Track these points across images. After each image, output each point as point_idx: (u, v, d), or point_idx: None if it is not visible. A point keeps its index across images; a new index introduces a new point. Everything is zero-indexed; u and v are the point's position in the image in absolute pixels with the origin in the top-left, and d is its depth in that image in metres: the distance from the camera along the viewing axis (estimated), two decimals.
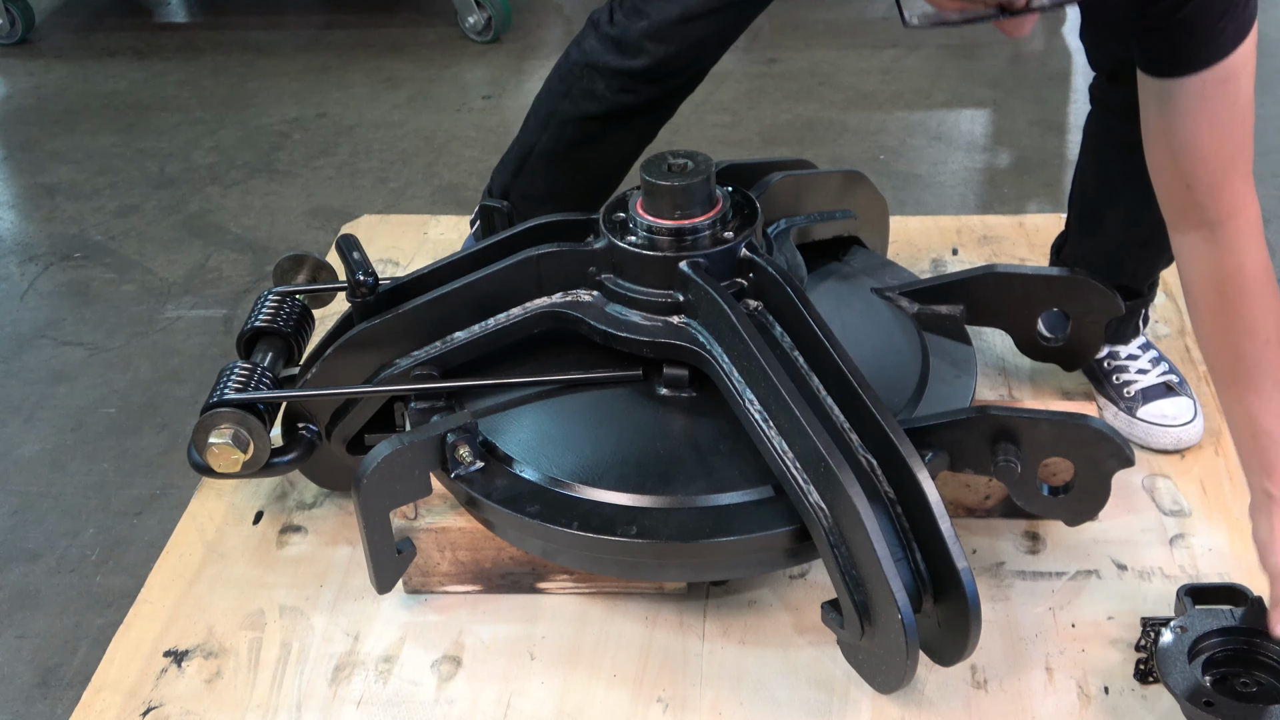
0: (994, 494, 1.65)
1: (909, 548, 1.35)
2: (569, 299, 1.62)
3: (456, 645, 1.55)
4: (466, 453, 1.47)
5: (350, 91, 3.79)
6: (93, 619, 2.02)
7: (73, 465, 2.36)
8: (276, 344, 1.70)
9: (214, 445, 1.54)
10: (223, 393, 1.56)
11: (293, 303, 1.75)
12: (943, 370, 1.62)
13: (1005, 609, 1.54)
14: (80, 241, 3.01)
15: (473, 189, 3.20)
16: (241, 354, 1.69)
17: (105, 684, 1.54)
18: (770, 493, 1.42)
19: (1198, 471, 1.72)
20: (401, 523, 1.56)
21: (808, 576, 1.61)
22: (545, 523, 1.42)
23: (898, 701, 1.43)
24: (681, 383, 1.56)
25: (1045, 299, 1.67)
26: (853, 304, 1.73)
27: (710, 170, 1.55)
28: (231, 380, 1.58)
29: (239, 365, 1.61)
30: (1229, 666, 1.37)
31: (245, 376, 1.59)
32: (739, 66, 3.80)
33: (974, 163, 3.21)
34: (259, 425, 1.55)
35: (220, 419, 1.54)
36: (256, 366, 1.61)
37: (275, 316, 1.71)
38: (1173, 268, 1.52)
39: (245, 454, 1.55)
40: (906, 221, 2.29)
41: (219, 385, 1.58)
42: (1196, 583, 1.45)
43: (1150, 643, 1.41)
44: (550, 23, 4.15)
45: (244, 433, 1.54)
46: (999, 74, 3.65)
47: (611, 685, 1.48)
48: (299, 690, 1.51)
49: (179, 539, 1.74)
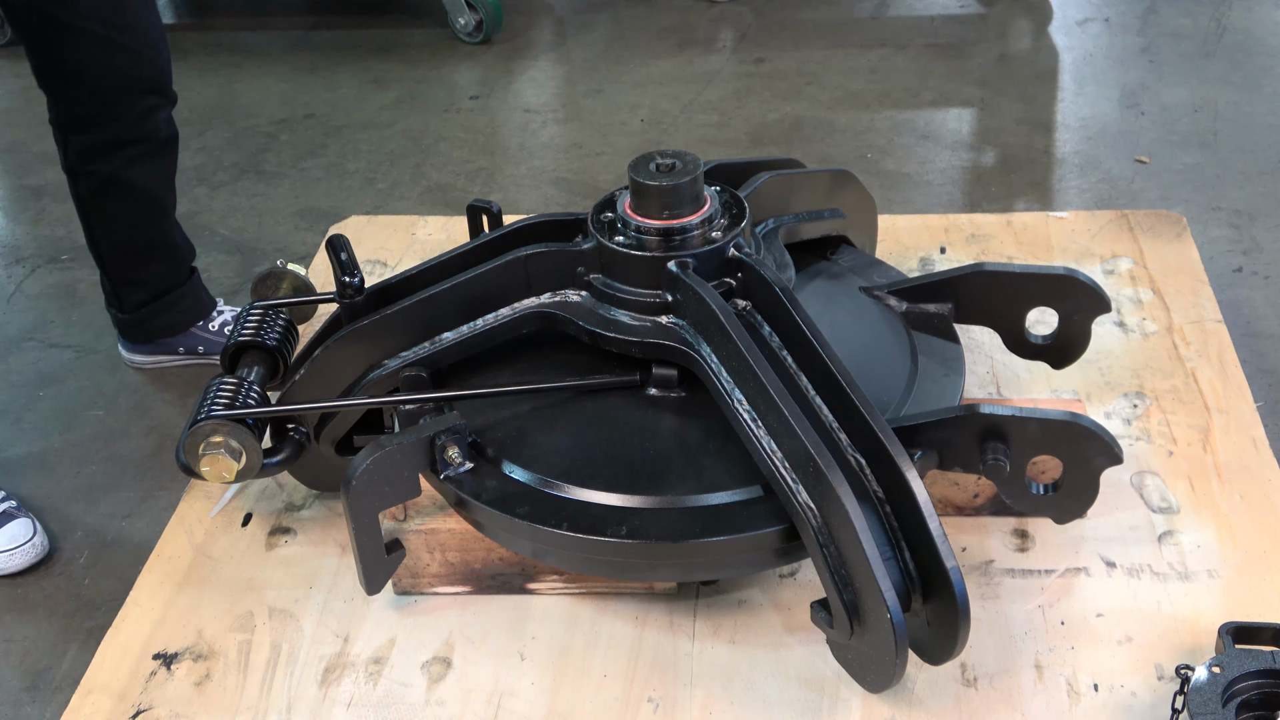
0: (983, 492, 1.65)
1: (898, 547, 1.36)
2: (558, 299, 1.62)
3: (446, 646, 1.55)
4: (455, 454, 1.47)
5: (338, 92, 3.79)
6: (81, 622, 2.02)
7: (61, 468, 2.35)
8: (262, 358, 1.69)
9: (206, 458, 1.53)
10: (210, 408, 1.55)
11: (276, 316, 1.74)
12: (931, 369, 1.62)
13: (994, 607, 1.54)
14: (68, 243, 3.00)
15: (461, 189, 3.20)
16: (226, 368, 1.68)
17: (94, 687, 1.53)
18: (759, 492, 1.42)
19: (1186, 469, 1.72)
20: (391, 524, 1.56)
21: (797, 576, 1.61)
22: (535, 523, 1.42)
23: (888, 700, 1.43)
24: (670, 383, 1.56)
25: (1033, 297, 1.68)
26: (841, 303, 1.73)
27: (698, 170, 1.55)
28: (219, 395, 1.57)
29: (225, 380, 1.60)
30: (1265, 711, 1.32)
31: (232, 390, 1.58)
32: (727, 66, 3.81)
33: (962, 161, 3.21)
34: (250, 438, 1.54)
35: (210, 432, 1.53)
36: (243, 381, 1.60)
37: (259, 331, 1.70)
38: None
39: (239, 464, 1.54)
40: (895, 220, 2.29)
41: (205, 401, 1.57)
42: (1239, 621, 1.41)
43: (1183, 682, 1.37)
44: (541, 24, 4.15)
45: (235, 444, 1.53)
46: (986, 73, 3.66)
47: (602, 685, 1.48)
48: (289, 692, 1.51)
49: (168, 542, 1.73)
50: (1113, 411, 1.83)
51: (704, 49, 3.94)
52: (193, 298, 2.51)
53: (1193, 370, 1.89)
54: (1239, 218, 2.87)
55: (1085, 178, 3.10)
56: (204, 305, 2.52)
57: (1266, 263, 2.68)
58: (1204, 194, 2.98)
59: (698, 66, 3.81)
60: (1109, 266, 2.12)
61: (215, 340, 2.50)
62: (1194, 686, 1.32)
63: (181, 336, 2.52)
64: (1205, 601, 1.53)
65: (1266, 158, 3.11)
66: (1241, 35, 3.76)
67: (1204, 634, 1.48)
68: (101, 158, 2.25)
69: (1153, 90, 3.49)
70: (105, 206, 2.32)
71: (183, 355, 2.53)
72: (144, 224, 2.37)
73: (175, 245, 2.45)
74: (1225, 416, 1.80)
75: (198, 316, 2.51)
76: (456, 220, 2.33)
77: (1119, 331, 1.98)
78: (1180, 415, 1.81)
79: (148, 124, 2.25)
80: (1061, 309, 1.67)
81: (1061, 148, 3.24)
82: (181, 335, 2.52)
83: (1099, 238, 2.20)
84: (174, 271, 2.46)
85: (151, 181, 2.33)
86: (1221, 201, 2.94)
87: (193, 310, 2.51)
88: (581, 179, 3.23)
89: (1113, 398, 1.85)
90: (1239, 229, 2.82)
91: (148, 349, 2.51)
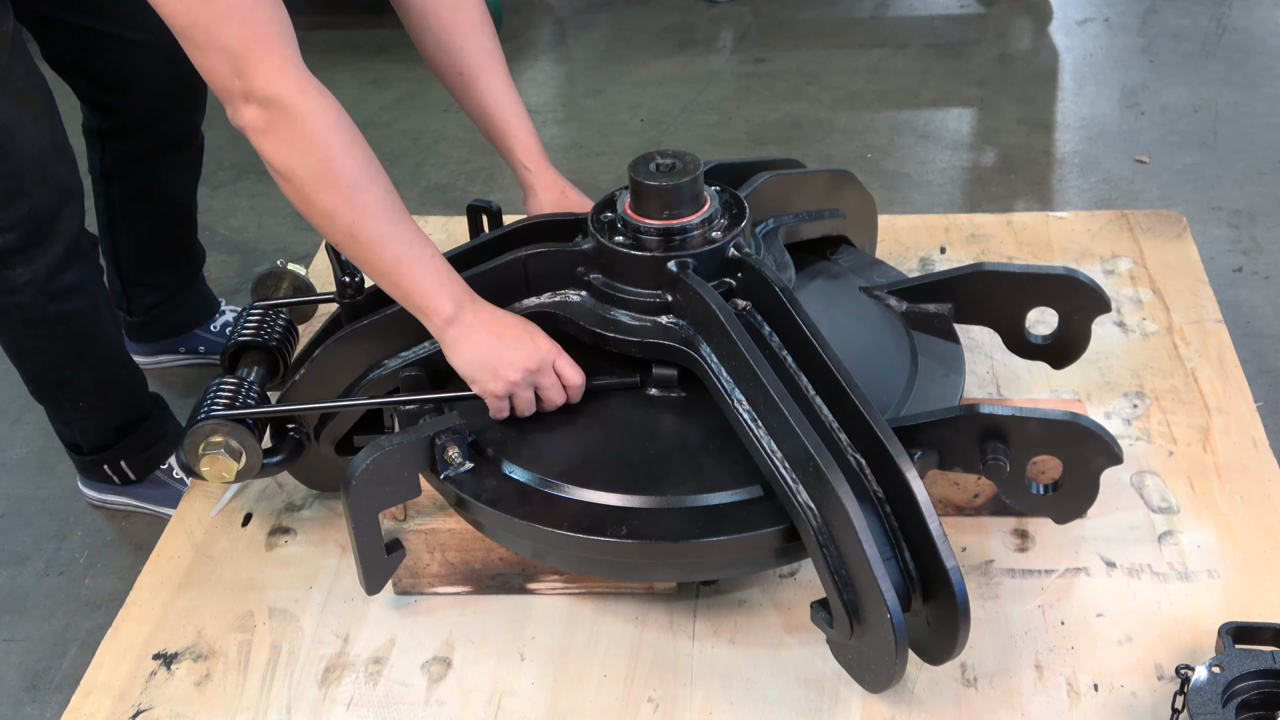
0: (983, 492, 1.65)
1: (898, 547, 1.35)
2: (558, 299, 1.62)
3: (446, 646, 1.55)
4: (455, 454, 1.47)
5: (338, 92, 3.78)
6: (81, 622, 2.02)
7: (60, 468, 2.35)
8: (262, 358, 1.69)
9: (206, 458, 1.53)
10: (210, 408, 1.55)
11: (276, 316, 1.74)
12: (931, 369, 1.62)
13: (994, 607, 1.54)
14: None
15: (460, 189, 3.20)
16: (226, 369, 1.68)
17: (94, 687, 1.53)
18: (759, 492, 1.42)
19: (1186, 469, 1.72)
20: (391, 524, 1.56)
21: (797, 576, 1.61)
22: (535, 523, 1.42)
23: (888, 700, 1.43)
24: (670, 383, 1.56)
25: (1033, 297, 1.67)
26: (841, 303, 1.73)
27: (698, 170, 1.54)
28: (219, 395, 1.57)
29: (225, 380, 1.60)
30: (1265, 711, 1.32)
31: (232, 390, 1.58)
32: (727, 66, 3.81)
33: (961, 161, 3.21)
34: (250, 437, 1.54)
35: (210, 432, 1.53)
36: (243, 381, 1.60)
37: (259, 331, 1.71)
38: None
39: (239, 464, 1.54)
40: (895, 220, 2.29)
41: (205, 401, 1.57)
42: (1239, 621, 1.40)
43: (1183, 682, 1.37)
44: (540, 23, 4.15)
45: (235, 444, 1.53)
46: (986, 73, 3.66)
47: (602, 685, 1.48)
48: (289, 692, 1.51)
49: (168, 541, 1.73)
50: (1113, 411, 1.83)
51: (704, 49, 3.94)
52: (199, 300, 2.52)
53: (1193, 370, 1.89)
54: (1239, 218, 2.87)
55: (1085, 178, 3.10)
56: (210, 307, 2.53)
57: (1266, 263, 2.69)
58: (1204, 194, 2.98)
59: (698, 66, 3.82)
60: (1109, 266, 2.12)
61: (217, 341, 2.51)
62: (1194, 686, 1.32)
63: (184, 336, 2.52)
64: (1205, 601, 1.53)
65: (1266, 158, 3.11)
66: (1241, 35, 3.76)
67: (1204, 634, 1.48)
68: (139, 163, 2.26)
69: (1153, 90, 3.49)
70: (134, 213, 2.33)
71: (184, 355, 2.53)
72: (169, 230, 2.38)
73: (193, 250, 2.46)
74: (1225, 416, 1.80)
75: (203, 318, 2.52)
76: (456, 220, 2.33)
77: (1119, 331, 1.98)
78: (1180, 415, 1.81)
79: (188, 127, 2.27)
80: (1061, 309, 1.67)
81: (1061, 148, 3.24)
82: (184, 335, 2.52)
83: (1099, 238, 2.20)
84: (187, 275, 2.47)
85: (183, 188, 2.35)
86: (1221, 201, 2.94)
87: (199, 312, 2.51)
88: (581, 179, 3.22)
89: (1113, 398, 1.85)
90: (1239, 229, 2.83)
91: (149, 348, 2.52)
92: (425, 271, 1.45)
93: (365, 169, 1.40)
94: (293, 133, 1.35)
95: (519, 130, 1.75)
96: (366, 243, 1.42)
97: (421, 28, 1.71)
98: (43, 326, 1.95)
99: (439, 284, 1.46)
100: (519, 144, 1.75)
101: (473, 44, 1.72)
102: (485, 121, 1.76)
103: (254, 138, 1.37)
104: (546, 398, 1.53)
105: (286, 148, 1.36)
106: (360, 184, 1.39)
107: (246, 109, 1.35)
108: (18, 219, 1.85)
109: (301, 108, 1.35)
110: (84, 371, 2.04)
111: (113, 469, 2.19)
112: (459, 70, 1.72)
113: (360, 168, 1.39)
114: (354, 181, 1.39)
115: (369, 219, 1.41)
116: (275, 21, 1.36)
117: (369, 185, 1.40)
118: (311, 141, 1.36)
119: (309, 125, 1.36)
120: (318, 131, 1.36)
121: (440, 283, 1.46)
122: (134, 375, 2.16)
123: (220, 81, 1.35)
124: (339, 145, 1.38)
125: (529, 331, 1.51)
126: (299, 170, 1.37)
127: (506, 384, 1.49)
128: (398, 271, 1.44)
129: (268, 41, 1.34)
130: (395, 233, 1.43)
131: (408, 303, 1.47)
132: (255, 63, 1.33)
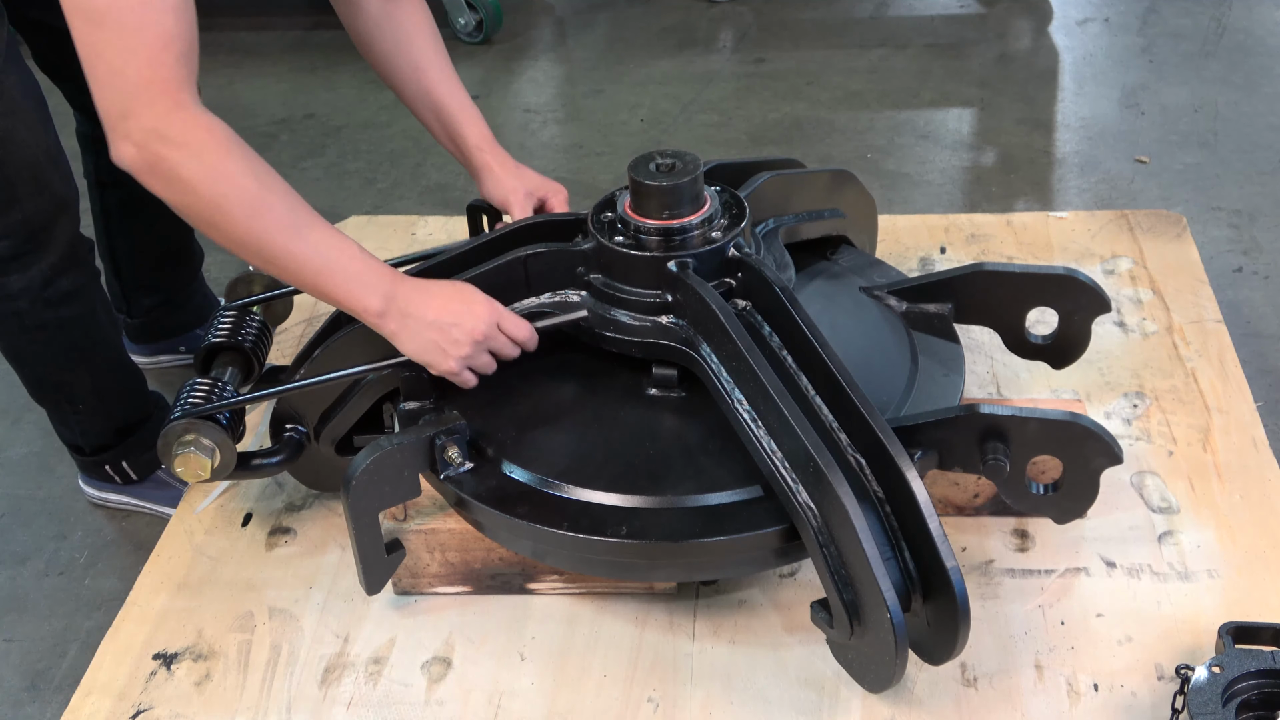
0: (983, 492, 1.65)
1: (898, 547, 1.35)
2: (557, 299, 1.62)
3: (446, 646, 1.55)
4: (455, 454, 1.47)
5: (338, 92, 3.79)
6: (81, 622, 2.02)
7: (61, 468, 2.35)
8: (235, 359, 1.69)
9: (180, 458, 1.53)
10: (183, 408, 1.56)
11: (249, 317, 1.74)
12: (931, 369, 1.62)
13: (994, 607, 1.54)
14: None
15: (460, 189, 3.20)
16: (199, 370, 1.69)
17: (94, 687, 1.53)
18: (759, 492, 1.42)
19: (1186, 469, 1.72)
20: (391, 524, 1.56)
21: (797, 576, 1.61)
22: (535, 523, 1.42)
23: (888, 700, 1.43)
24: (670, 383, 1.56)
25: (1033, 297, 1.68)
26: (841, 303, 1.73)
27: (698, 170, 1.54)
28: (192, 395, 1.58)
29: (198, 381, 1.60)
30: (1265, 711, 1.32)
31: (205, 391, 1.59)
32: (727, 66, 3.81)
33: (961, 161, 3.21)
34: (222, 434, 1.54)
35: (182, 431, 1.53)
36: (216, 381, 1.61)
37: (233, 332, 1.71)
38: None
39: (213, 461, 1.54)
40: (895, 220, 2.29)
41: (178, 402, 1.58)
42: (1239, 621, 1.40)
43: (1183, 682, 1.37)
44: (541, 24, 4.15)
45: (207, 441, 1.53)
46: (986, 73, 3.66)
47: (602, 685, 1.48)
48: (289, 692, 1.51)
49: (168, 541, 1.73)
50: (1113, 411, 1.83)
51: (704, 49, 3.94)
52: (199, 300, 2.52)
53: (1193, 370, 1.89)
54: (1239, 218, 2.87)
55: (1085, 178, 3.10)
56: (209, 306, 2.53)
57: (1266, 263, 2.69)
58: (1204, 194, 2.98)
59: (698, 66, 3.81)
60: (1109, 266, 2.12)
61: None
62: (1194, 686, 1.32)
63: (184, 336, 2.52)
64: (1205, 601, 1.53)
65: (1266, 158, 3.11)
66: (1241, 35, 3.76)
67: (1204, 634, 1.48)
68: None
69: (1153, 90, 3.49)
70: (130, 217, 2.32)
71: (184, 355, 2.53)
72: (166, 234, 2.37)
73: (190, 252, 2.46)
74: (1225, 416, 1.80)
75: (203, 318, 2.52)
76: (456, 220, 2.33)
77: (1119, 331, 1.98)
78: (1180, 415, 1.81)
79: None
80: (1061, 309, 1.67)
81: (1061, 148, 3.24)
82: (184, 335, 2.52)
83: (1099, 238, 2.20)
84: (185, 277, 2.47)
85: None
86: (1221, 201, 2.94)
87: (199, 312, 2.51)
88: (581, 179, 3.23)
89: (1113, 398, 1.86)
90: (1239, 229, 2.82)
91: (149, 348, 2.52)
92: (345, 275, 1.45)
93: (260, 192, 1.39)
94: (178, 172, 1.35)
95: (471, 117, 1.80)
96: (279, 263, 1.43)
97: (371, 25, 1.75)
98: (40, 332, 1.94)
99: (360, 285, 1.46)
100: (472, 130, 1.79)
101: (423, 39, 1.77)
102: (435, 111, 1.79)
103: (141, 178, 1.37)
104: (503, 355, 1.55)
105: (178, 185, 1.36)
106: (257, 209, 1.39)
107: (126, 147, 1.35)
108: (11, 227, 1.85)
109: (186, 148, 1.35)
110: (83, 375, 2.03)
111: (114, 469, 2.19)
112: (412, 64, 1.77)
113: (254, 192, 1.38)
114: (250, 208, 1.38)
115: (274, 239, 1.41)
116: (181, 63, 1.35)
117: (267, 209, 1.40)
118: (198, 179, 1.36)
119: (193, 165, 1.35)
120: (203, 169, 1.36)
121: (361, 282, 1.46)
122: (134, 377, 2.16)
123: (108, 120, 1.36)
124: (227, 176, 1.37)
125: (464, 299, 1.51)
126: (193, 206, 1.38)
127: (459, 359, 1.51)
128: (318, 283, 1.45)
129: (164, 84, 1.34)
130: (305, 247, 1.43)
131: (340, 307, 1.49)
132: (147, 103, 1.33)
